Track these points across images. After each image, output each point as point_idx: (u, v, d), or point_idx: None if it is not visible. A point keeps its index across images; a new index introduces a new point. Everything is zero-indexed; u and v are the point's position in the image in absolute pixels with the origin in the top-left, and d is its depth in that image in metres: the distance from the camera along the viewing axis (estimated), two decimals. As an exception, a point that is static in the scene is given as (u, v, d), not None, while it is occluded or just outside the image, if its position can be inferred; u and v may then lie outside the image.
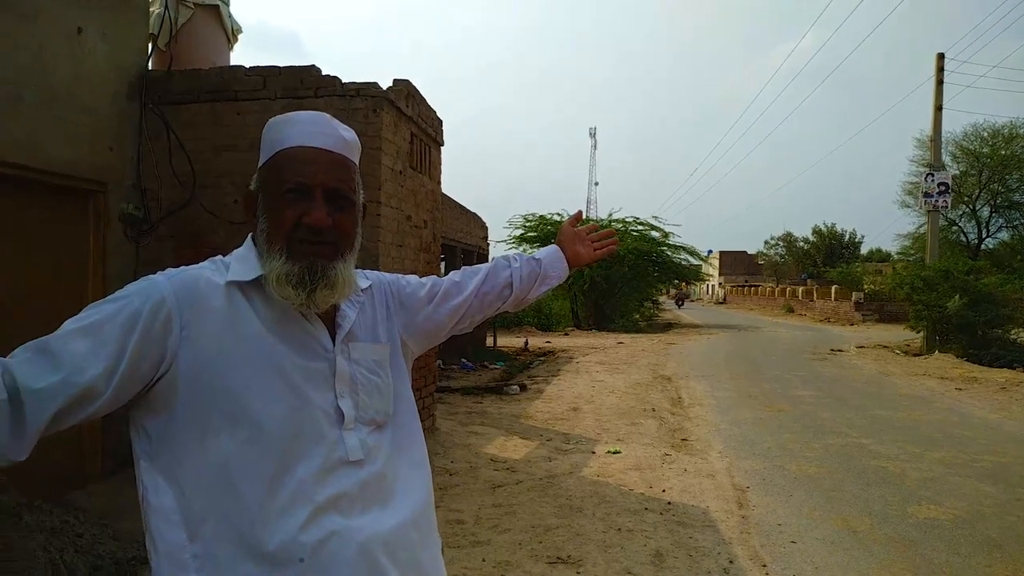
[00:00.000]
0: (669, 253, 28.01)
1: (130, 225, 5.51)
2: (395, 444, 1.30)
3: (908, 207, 30.61)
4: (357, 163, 1.33)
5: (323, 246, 1.22)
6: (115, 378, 1.09)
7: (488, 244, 17.60)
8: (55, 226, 5.05)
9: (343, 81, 5.51)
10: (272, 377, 1.17)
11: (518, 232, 26.91)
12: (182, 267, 1.23)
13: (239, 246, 1.30)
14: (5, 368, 1.05)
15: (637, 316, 29.05)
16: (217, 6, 6.62)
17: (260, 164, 1.29)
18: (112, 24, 5.27)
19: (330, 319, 1.28)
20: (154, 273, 1.21)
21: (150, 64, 5.80)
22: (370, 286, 1.41)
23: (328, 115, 1.31)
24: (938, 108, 19.48)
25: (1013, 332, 17.06)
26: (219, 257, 1.28)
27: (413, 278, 1.53)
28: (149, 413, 1.16)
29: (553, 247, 1.74)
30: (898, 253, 36.86)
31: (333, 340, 1.26)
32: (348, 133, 1.31)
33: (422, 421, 1.45)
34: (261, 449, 1.13)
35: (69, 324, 1.11)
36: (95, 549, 3.77)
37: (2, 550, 2.62)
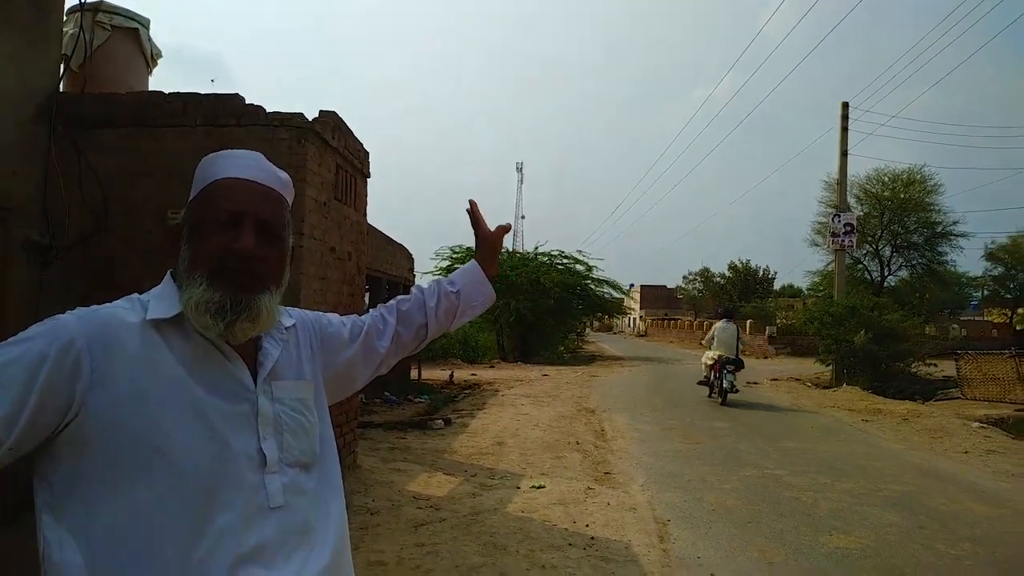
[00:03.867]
0: (593, 286, 28.54)
1: (35, 253, 5.22)
2: (318, 487, 1.27)
3: (817, 245, 32.20)
4: (290, 205, 1.32)
5: (249, 276, 1.18)
6: (17, 426, 1.03)
7: (415, 275, 17.49)
8: (-50, 253, 4.74)
9: (267, 111, 5.43)
10: (191, 421, 1.12)
11: (445, 263, 26.87)
12: (93, 306, 1.17)
13: (155, 278, 1.26)
14: None
15: (562, 348, 29.35)
16: (136, 29, 6.44)
17: (191, 198, 1.26)
18: (21, 45, 5.04)
19: (252, 357, 1.24)
20: (61, 305, 1.15)
21: (61, 86, 5.57)
22: (294, 324, 1.38)
23: (262, 155, 1.31)
24: (843, 153, 20.69)
25: (913, 366, 18.07)
26: (135, 295, 1.23)
27: (335, 317, 1.51)
28: (54, 462, 1.09)
29: (471, 265, 1.71)
30: (808, 289, 38.63)
31: (255, 379, 1.22)
32: (283, 174, 1.32)
33: (343, 459, 1.43)
34: (180, 498, 1.08)
35: None
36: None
37: None
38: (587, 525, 5.56)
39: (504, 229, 1.75)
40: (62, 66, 5.63)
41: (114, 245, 5.33)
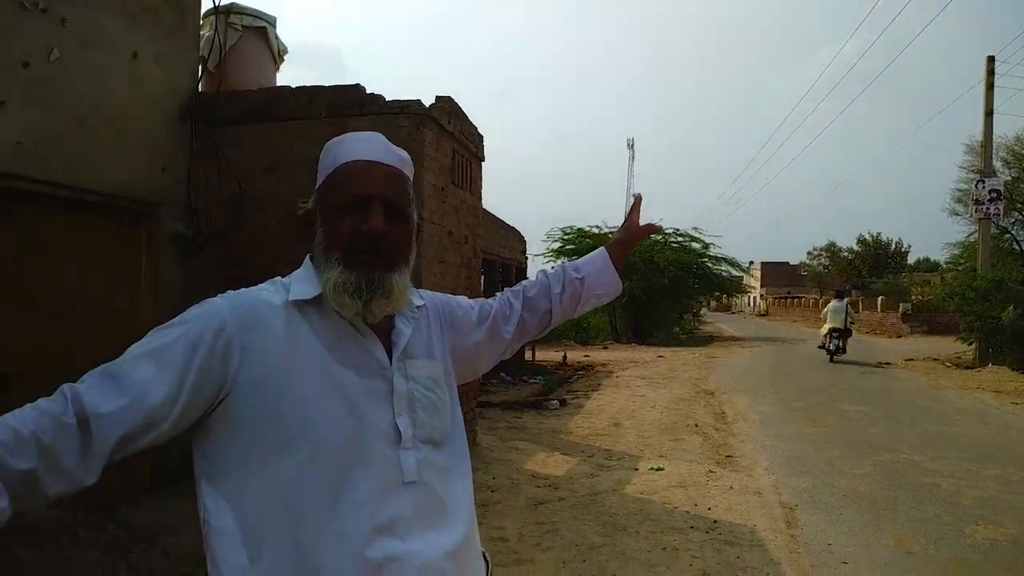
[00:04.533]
0: (710, 264, 27.67)
1: (180, 245, 5.65)
2: (449, 464, 1.30)
3: (958, 215, 29.71)
4: (411, 180, 1.36)
5: (379, 256, 1.24)
6: (178, 403, 1.12)
7: (527, 258, 17.63)
8: (111, 246, 5.21)
9: (386, 99, 5.60)
10: (331, 396, 1.18)
11: (556, 245, 26.88)
12: (242, 289, 1.25)
13: (288, 265, 1.32)
14: (75, 394, 1.08)
15: (677, 329, 28.74)
16: (264, 28, 6.79)
17: (317, 185, 1.32)
18: (165, 48, 5.44)
19: (386, 336, 1.29)
20: (205, 291, 1.23)
21: (200, 86, 5.97)
22: (424, 304, 1.42)
23: (381, 135, 1.35)
24: (988, 113, 18.96)
25: (1071, 344, 16.43)
26: (278, 278, 1.30)
27: (464, 300, 1.54)
28: (210, 436, 1.18)
29: (600, 252, 1.69)
30: (947, 262, 35.84)
31: (390, 358, 1.27)
32: (403, 152, 1.36)
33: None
34: (321, 469, 1.14)
35: (134, 349, 1.14)
36: (145, 565, 3.86)
37: (61, 565, 2.69)
38: (709, 508, 5.46)
39: (654, 228, 1.75)
40: (200, 67, 6.04)
41: (249, 235, 5.69)
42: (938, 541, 4.77)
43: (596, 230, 27.26)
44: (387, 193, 1.26)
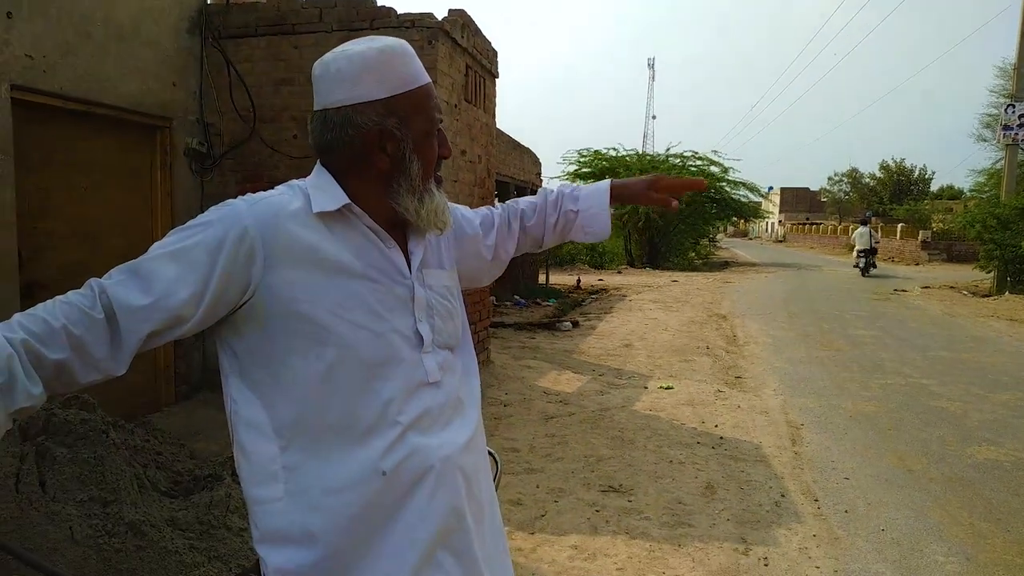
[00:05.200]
0: (728, 189, 27.30)
1: (195, 160, 5.66)
2: (462, 366, 1.37)
3: (985, 141, 28.98)
4: None
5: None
6: (203, 303, 1.14)
7: (542, 180, 17.47)
8: (126, 161, 5.23)
9: (398, 12, 5.47)
10: (356, 302, 1.20)
11: (572, 168, 26.57)
12: (260, 193, 1.25)
13: (300, 177, 1.33)
14: (102, 289, 1.12)
15: (693, 254, 28.63)
16: (273, -63, 6.58)
17: (393, 94, 1.24)
18: (172, -42, 5.30)
19: (403, 247, 1.32)
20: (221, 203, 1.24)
21: (209, -2, 5.85)
22: None
23: None
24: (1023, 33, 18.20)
25: (1092, 273, 16.25)
26: (294, 182, 1.30)
27: (466, 210, 1.55)
28: (237, 334, 1.21)
29: (602, 188, 1.60)
30: (971, 190, 35.14)
31: (409, 267, 1.30)
32: None
33: (477, 355, 1.50)
34: (348, 370, 1.18)
35: (157, 248, 1.16)
36: (174, 466, 4.02)
37: (95, 465, 2.82)
38: (716, 426, 5.58)
39: (667, 203, 1.63)
40: (208, -22, 5.90)
41: (262, 150, 5.67)
42: (940, 460, 4.87)
43: (613, 152, 26.87)
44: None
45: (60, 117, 4.53)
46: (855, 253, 22.13)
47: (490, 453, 1.46)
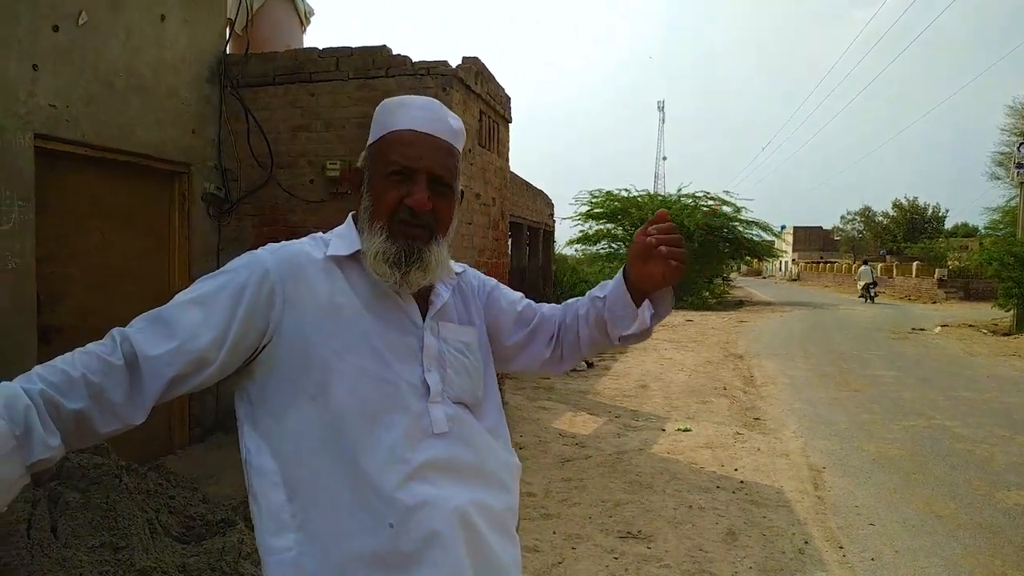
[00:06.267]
0: (740, 228, 27.28)
1: (212, 204, 5.73)
2: (482, 425, 1.33)
3: (998, 179, 28.95)
4: (461, 151, 1.36)
5: (420, 229, 1.26)
6: (225, 346, 1.16)
7: (554, 221, 17.55)
8: (144, 206, 5.30)
9: (413, 60, 5.57)
10: (363, 349, 1.21)
11: (584, 209, 26.72)
12: (283, 242, 1.29)
13: (316, 224, 1.35)
14: (124, 336, 1.12)
15: (707, 293, 28.50)
16: (290, -11, 6.76)
17: (369, 142, 1.32)
18: (192, 11, 5.45)
19: (423, 298, 1.32)
20: (236, 249, 1.27)
21: (228, 48, 5.99)
22: (464, 271, 1.46)
23: (439, 103, 1.34)
24: (1034, 72, 18.29)
25: (1114, 311, 16.00)
26: (319, 234, 1.34)
27: (509, 291, 1.52)
28: (253, 381, 1.23)
29: (617, 280, 1.39)
30: (986, 228, 34.96)
31: (424, 318, 1.30)
32: (456, 122, 1.34)
33: None
34: (351, 415, 1.18)
35: (181, 296, 1.19)
36: (187, 511, 3.98)
37: (107, 510, 2.80)
38: (736, 469, 5.47)
39: (657, 216, 1.36)
40: (227, 29, 6.05)
41: (278, 194, 5.74)
42: (968, 506, 4.74)
43: (625, 192, 27.01)
44: (434, 167, 1.27)
45: (81, 164, 4.62)
46: (860, 287, 28.65)
47: None
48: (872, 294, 27.92)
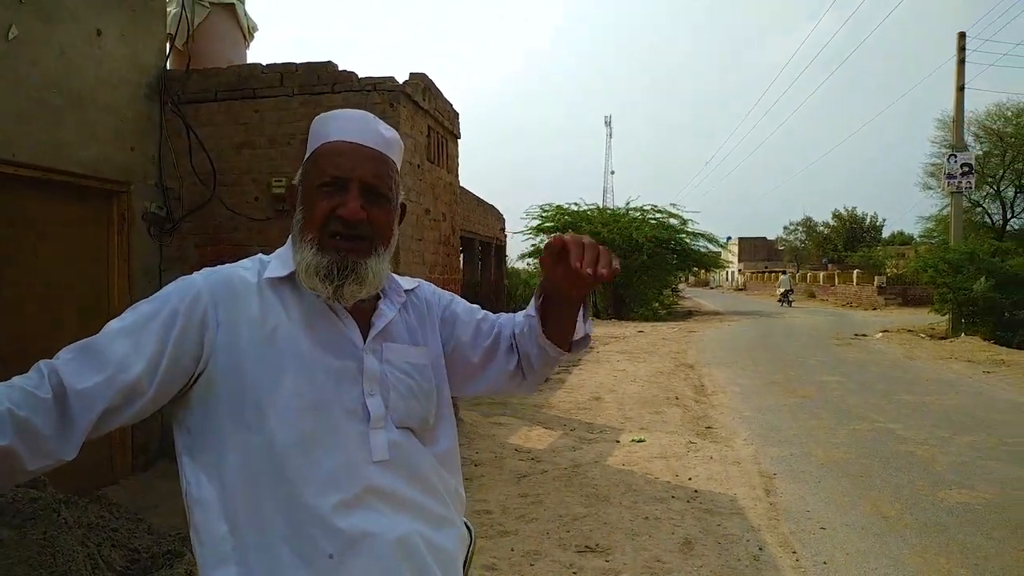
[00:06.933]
0: (688, 240, 27.77)
1: (153, 224, 5.56)
2: (429, 451, 1.28)
3: (931, 188, 30.08)
4: (398, 163, 1.32)
5: (356, 241, 1.22)
6: (157, 375, 1.12)
7: (506, 235, 17.59)
8: (80, 226, 5.11)
9: (359, 76, 5.52)
10: (297, 373, 1.17)
11: (535, 223, 26.86)
12: (219, 266, 1.26)
13: (261, 243, 1.31)
14: (51, 369, 1.07)
15: (657, 304, 28.91)
16: (233, 4, 6.65)
17: (305, 158, 1.30)
18: (130, 25, 5.31)
19: (366, 318, 1.27)
20: (178, 269, 1.23)
21: (168, 64, 5.84)
22: (414, 289, 1.40)
23: (371, 115, 1.31)
24: (960, 88, 19.16)
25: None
26: (260, 255, 1.30)
27: (464, 302, 1.47)
28: (189, 410, 1.19)
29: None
30: (920, 236, 36.31)
31: (365, 339, 1.26)
32: (389, 132, 1.31)
33: None
34: (289, 445, 1.14)
35: (111, 324, 1.14)
36: (131, 543, 3.82)
37: (45, 546, 2.66)
38: (690, 478, 5.52)
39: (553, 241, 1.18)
40: (167, 45, 5.91)
41: (222, 212, 5.61)
42: (913, 506, 4.87)
43: (575, 206, 27.27)
44: (366, 176, 1.23)
45: (14, 184, 4.43)
46: (779, 293, 34.57)
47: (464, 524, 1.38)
48: (789, 300, 33.03)
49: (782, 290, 34.08)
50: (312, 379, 1.18)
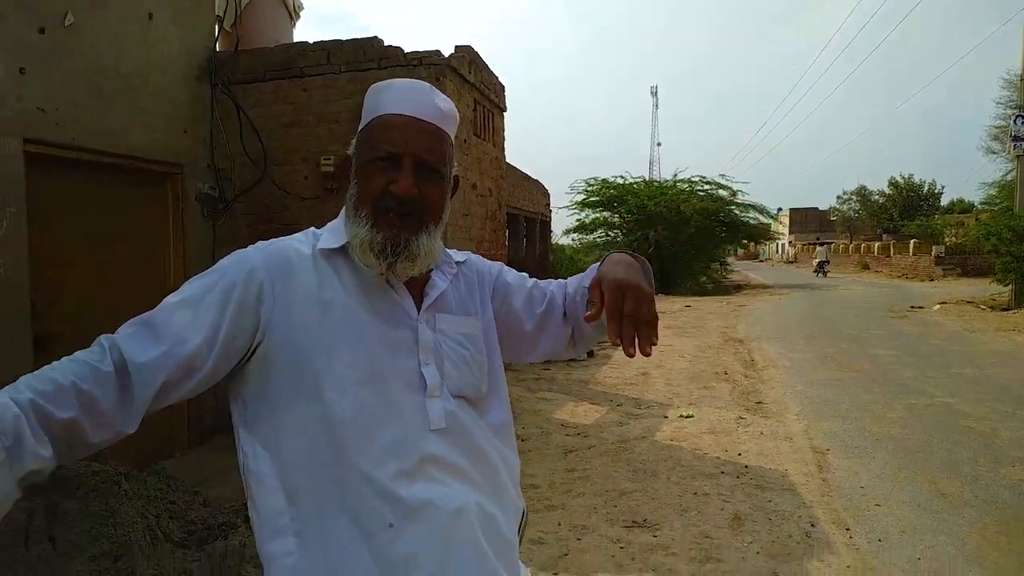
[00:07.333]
0: (737, 212, 27.25)
1: (206, 205, 5.69)
2: (485, 421, 1.29)
3: (994, 153, 28.88)
4: (452, 136, 1.31)
5: (407, 217, 1.21)
6: (215, 347, 1.13)
7: (551, 211, 17.51)
8: (137, 209, 5.26)
9: (405, 51, 5.52)
10: (354, 345, 1.18)
11: (580, 197, 26.65)
12: (273, 239, 1.26)
13: (311, 220, 1.32)
14: (112, 343, 1.09)
15: (704, 278, 28.51)
16: (278, -16, 6.69)
17: (359, 128, 1.29)
18: (180, 8, 5.40)
19: (418, 289, 1.28)
20: (232, 248, 1.24)
21: (217, 46, 5.93)
22: (466, 260, 1.41)
23: (428, 85, 1.29)
24: (1028, 45, 18.20)
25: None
26: (313, 229, 1.31)
27: (513, 271, 1.48)
28: (246, 383, 1.20)
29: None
30: (982, 203, 34.97)
31: (419, 309, 1.27)
32: (445, 104, 1.29)
33: None
34: (347, 415, 1.15)
35: (169, 299, 1.16)
36: (188, 515, 3.96)
37: (106, 517, 2.77)
38: (739, 454, 5.47)
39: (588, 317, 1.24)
40: (216, 27, 5.99)
41: (273, 192, 5.70)
42: (972, 483, 4.74)
43: (620, 180, 26.94)
44: (421, 152, 1.22)
45: (72, 168, 4.57)
46: (815, 264, 36.14)
47: None
48: (825, 270, 34.42)
49: (818, 260, 35.83)
50: (368, 350, 1.19)
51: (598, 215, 27.02)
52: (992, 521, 4.11)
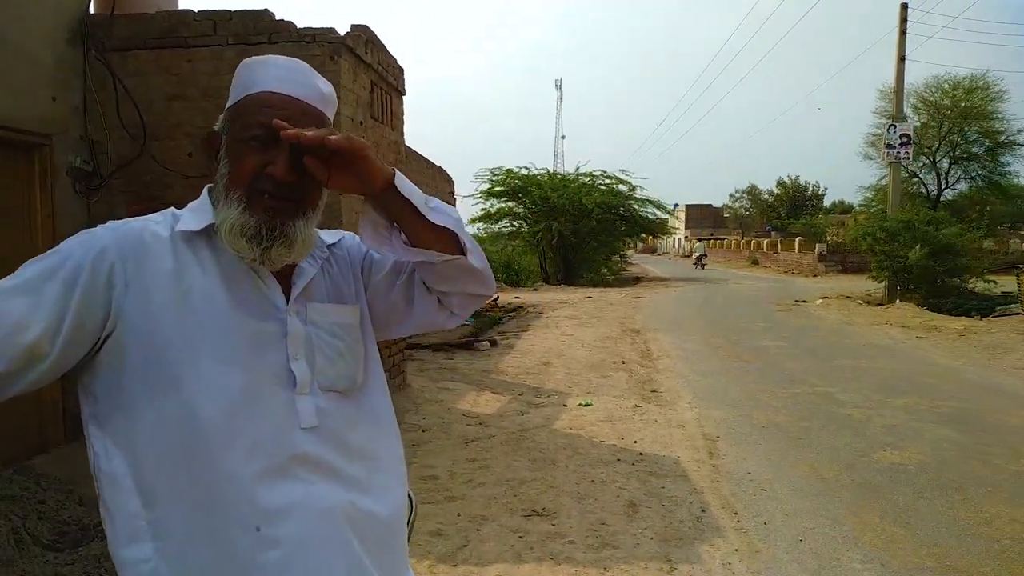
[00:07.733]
0: (636, 206, 28.02)
1: (79, 180, 5.25)
2: (361, 414, 1.20)
3: (871, 159, 30.82)
4: (331, 119, 1.22)
5: (285, 202, 1.11)
6: (60, 336, 1.01)
7: (455, 199, 17.38)
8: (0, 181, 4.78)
9: (298, 27, 5.26)
10: (216, 337, 1.08)
11: (485, 186, 26.66)
12: (125, 219, 1.14)
13: (195, 199, 1.19)
14: None
15: (605, 270, 29.16)
16: (163, -54, 6.24)
17: (228, 104, 1.17)
18: (49, -37, 4.93)
19: (286, 278, 1.18)
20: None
21: (92, 7, 5.46)
22: (337, 242, 1.30)
23: (307, 64, 1.19)
24: (901, 59, 19.55)
25: (971, 281, 17.47)
26: (172, 209, 1.19)
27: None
28: (97, 375, 1.08)
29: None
30: (860, 205, 37.32)
31: (288, 299, 1.16)
32: (326, 87, 1.20)
33: (392, 379, 1.32)
34: (209, 412, 1.05)
35: (4, 283, 1.02)
36: (59, 515, 3.66)
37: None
38: (635, 441, 5.56)
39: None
40: (91, -13, 5.52)
41: (153, 168, 5.32)
42: (849, 467, 5.00)
43: (525, 170, 27.13)
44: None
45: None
46: (694, 258, 39.85)
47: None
48: (703, 263, 37.64)
49: (696, 255, 39.62)
50: (232, 342, 1.09)
51: (503, 205, 27.13)
52: (866, 504, 4.33)
